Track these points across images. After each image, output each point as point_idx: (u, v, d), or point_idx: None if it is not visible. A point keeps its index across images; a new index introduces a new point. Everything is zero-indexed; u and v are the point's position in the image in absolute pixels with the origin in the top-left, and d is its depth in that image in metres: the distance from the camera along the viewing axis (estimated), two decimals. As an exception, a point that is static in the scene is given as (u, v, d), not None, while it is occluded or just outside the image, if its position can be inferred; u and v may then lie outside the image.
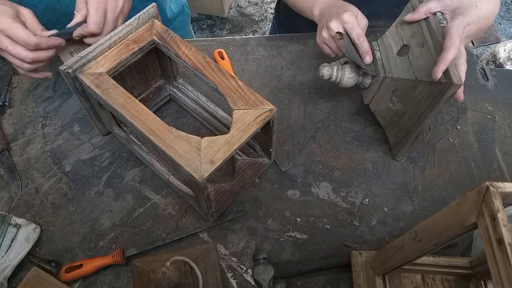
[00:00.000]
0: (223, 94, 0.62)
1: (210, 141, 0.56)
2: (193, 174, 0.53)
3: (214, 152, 0.55)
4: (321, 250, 0.68)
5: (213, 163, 0.54)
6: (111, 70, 0.63)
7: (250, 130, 0.58)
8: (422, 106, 0.64)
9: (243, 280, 0.65)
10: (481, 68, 0.92)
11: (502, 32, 2.43)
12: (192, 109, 0.81)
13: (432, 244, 0.44)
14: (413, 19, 0.66)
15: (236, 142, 0.56)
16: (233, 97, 0.61)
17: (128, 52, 0.64)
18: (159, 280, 0.61)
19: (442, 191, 0.75)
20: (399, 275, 0.61)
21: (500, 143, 0.81)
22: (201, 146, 0.55)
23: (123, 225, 0.69)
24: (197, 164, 0.53)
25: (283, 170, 0.75)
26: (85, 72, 0.62)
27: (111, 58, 0.63)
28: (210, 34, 2.40)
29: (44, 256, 0.66)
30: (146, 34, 0.66)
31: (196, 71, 0.64)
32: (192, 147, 0.55)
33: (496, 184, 0.35)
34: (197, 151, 0.55)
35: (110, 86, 0.61)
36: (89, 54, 0.62)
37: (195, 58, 0.65)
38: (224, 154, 0.55)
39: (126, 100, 0.59)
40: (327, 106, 0.85)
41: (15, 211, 0.70)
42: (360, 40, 0.68)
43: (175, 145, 0.55)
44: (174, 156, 0.54)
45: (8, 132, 0.79)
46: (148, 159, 0.73)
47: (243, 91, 0.62)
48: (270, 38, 0.96)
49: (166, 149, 0.55)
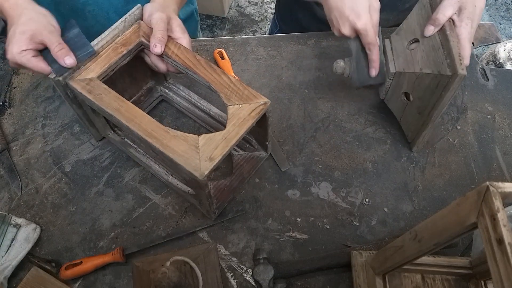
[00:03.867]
0: (216, 90, 0.61)
1: (207, 138, 0.56)
2: (194, 172, 0.53)
3: (212, 149, 0.55)
4: (321, 250, 0.68)
5: (212, 160, 0.54)
6: (101, 74, 0.62)
7: (246, 124, 0.58)
8: (433, 98, 0.65)
9: (243, 280, 0.65)
10: (481, 68, 0.92)
11: (502, 32, 2.43)
12: (185, 108, 0.81)
13: (432, 244, 0.44)
14: (435, 31, 0.65)
15: (233, 138, 0.56)
16: (226, 93, 0.61)
17: (117, 55, 0.64)
18: (159, 280, 0.61)
19: (442, 191, 0.75)
20: (399, 275, 0.61)
21: (500, 143, 0.81)
22: (199, 144, 0.55)
23: (123, 225, 0.69)
24: (197, 162, 0.54)
25: (283, 170, 0.75)
26: (75, 78, 0.61)
27: (100, 63, 0.63)
28: (210, 34, 2.40)
29: (44, 256, 0.66)
30: (133, 36, 0.66)
31: (186, 70, 0.64)
32: (190, 145, 0.55)
33: (496, 184, 0.35)
34: (195, 149, 0.55)
35: (102, 91, 0.60)
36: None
37: (184, 56, 0.65)
38: (223, 150, 0.55)
39: (120, 104, 0.59)
40: (327, 106, 0.85)
41: (15, 211, 0.70)
42: (370, 50, 0.68)
43: (172, 145, 0.55)
44: (172, 156, 0.54)
45: (8, 132, 0.79)
46: (146, 161, 0.72)
47: (235, 86, 0.62)
48: (270, 38, 0.96)
49: (164, 150, 0.55)
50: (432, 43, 0.65)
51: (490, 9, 2.53)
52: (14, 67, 0.68)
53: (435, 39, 0.65)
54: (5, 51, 0.62)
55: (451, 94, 0.63)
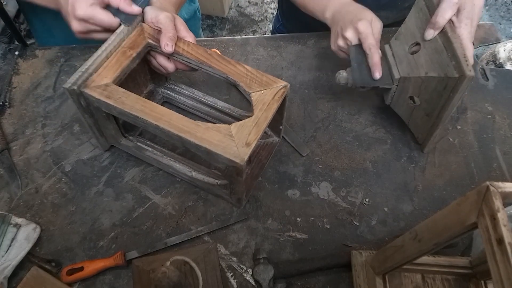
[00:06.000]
0: (235, 81, 0.63)
1: (239, 126, 0.58)
2: (234, 159, 0.54)
3: (246, 135, 0.57)
4: (321, 250, 0.68)
5: (249, 145, 0.56)
6: (116, 79, 0.62)
7: (272, 108, 0.60)
8: (441, 100, 0.65)
9: (243, 280, 0.65)
10: (481, 68, 0.92)
11: (502, 32, 2.43)
12: (190, 106, 0.81)
13: (432, 244, 0.44)
14: (435, 34, 0.65)
15: (264, 122, 0.59)
16: (246, 82, 0.63)
17: (127, 59, 0.64)
18: (159, 280, 0.61)
19: (442, 191, 0.75)
20: (399, 275, 0.61)
21: (500, 143, 0.81)
22: (232, 132, 0.57)
23: (123, 225, 0.69)
24: (234, 150, 0.55)
25: (304, 155, 0.77)
26: (90, 86, 0.61)
27: (112, 68, 0.63)
28: (210, 34, 2.40)
29: (44, 256, 0.66)
30: (139, 38, 0.66)
31: (201, 65, 0.64)
32: (224, 135, 0.57)
33: (496, 184, 0.35)
34: (230, 138, 0.57)
35: (122, 95, 0.60)
36: (89, 67, 0.61)
37: (196, 52, 0.65)
38: (256, 135, 0.57)
39: (143, 104, 0.59)
40: (327, 106, 0.85)
41: (15, 211, 0.70)
42: (371, 51, 0.68)
43: (207, 137, 0.57)
44: (209, 147, 0.56)
45: (8, 132, 0.79)
46: (165, 162, 0.71)
47: (253, 74, 0.64)
48: (270, 38, 0.96)
49: (200, 142, 0.56)
50: (434, 45, 0.65)
51: (490, 9, 2.54)
52: (81, 36, 0.67)
53: (437, 42, 0.64)
54: (70, 14, 0.63)
55: (460, 95, 0.62)
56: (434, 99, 0.67)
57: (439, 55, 0.64)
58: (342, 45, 0.73)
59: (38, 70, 0.87)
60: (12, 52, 0.89)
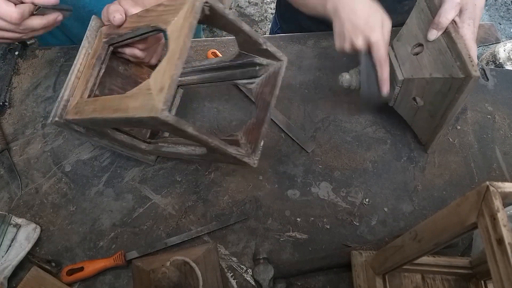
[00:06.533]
0: (158, 26, 0.53)
1: (155, 72, 0.47)
2: (153, 115, 0.44)
3: (160, 79, 0.46)
4: (321, 250, 0.68)
5: (162, 90, 0.44)
6: (87, 93, 0.61)
7: (183, 30, 0.47)
8: (446, 101, 0.65)
9: (243, 280, 0.65)
10: (481, 68, 0.92)
11: (502, 32, 2.43)
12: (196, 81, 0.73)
13: (432, 244, 0.44)
14: (438, 35, 0.65)
15: (175, 54, 0.46)
16: (164, 19, 0.52)
17: (91, 69, 0.62)
18: (159, 280, 0.61)
19: (442, 191, 0.75)
20: (399, 275, 0.61)
21: (500, 143, 0.81)
22: (150, 85, 0.47)
23: (123, 225, 0.69)
24: (151, 103, 0.45)
25: (309, 152, 0.77)
26: (69, 111, 0.60)
27: (82, 85, 0.62)
28: (210, 34, 2.39)
29: (44, 256, 0.66)
30: (99, 44, 0.64)
31: (136, 32, 0.59)
32: (145, 94, 0.47)
33: (496, 184, 0.35)
34: (149, 92, 0.46)
35: (86, 104, 0.58)
36: (63, 94, 0.61)
37: (129, 22, 0.60)
38: (170, 73, 0.45)
39: (98, 102, 0.56)
40: (327, 106, 0.85)
41: (15, 211, 0.70)
42: (381, 66, 0.67)
43: (132, 105, 0.48)
44: (133, 114, 0.47)
45: (8, 132, 0.79)
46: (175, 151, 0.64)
47: (165, 7, 0.53)
48: (270, 38, 0.96)
49: (126, 114, 0.48)
50: (438, 46, 0.64)
51: (490, 9, 2.53)
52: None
53: (441, 42, 0.64)
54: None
55: (465, 96, 0.62)
56: (438, 100, 0.66)
57: (443, 55, 0.63)
58: (349, 50, 0.70)
59: (38, 70, 0.87)
60: (12, 52, 0.89)
